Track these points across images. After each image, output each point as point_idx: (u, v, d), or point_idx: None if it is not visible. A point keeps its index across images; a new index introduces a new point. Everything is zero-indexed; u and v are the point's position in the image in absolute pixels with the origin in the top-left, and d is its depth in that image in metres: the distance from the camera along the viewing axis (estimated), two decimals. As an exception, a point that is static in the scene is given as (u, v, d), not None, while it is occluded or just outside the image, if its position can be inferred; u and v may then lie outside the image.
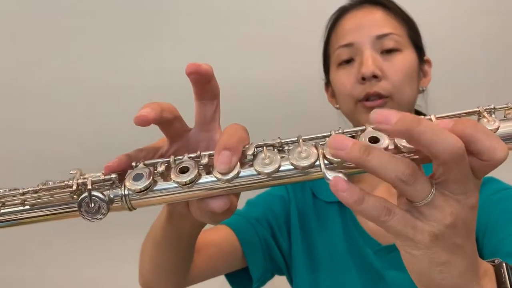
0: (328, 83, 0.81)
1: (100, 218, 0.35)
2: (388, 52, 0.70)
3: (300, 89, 0.99)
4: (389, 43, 0.70)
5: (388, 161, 0.31)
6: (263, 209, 0.77)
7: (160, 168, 0.35)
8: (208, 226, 0.49)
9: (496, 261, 0.39)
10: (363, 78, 0.68)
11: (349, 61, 0.72)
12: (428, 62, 0.77)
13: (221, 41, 1.02)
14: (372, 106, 0.69)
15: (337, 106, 0.78)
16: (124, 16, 1.03)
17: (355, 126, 0.76)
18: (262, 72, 1.01)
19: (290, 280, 0.79)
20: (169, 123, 0.39)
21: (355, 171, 0.34)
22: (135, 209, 0.36)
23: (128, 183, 0.35)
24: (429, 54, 0.77)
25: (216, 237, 0.71)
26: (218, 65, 1.06)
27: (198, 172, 0.35)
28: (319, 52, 0.81)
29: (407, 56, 0.71)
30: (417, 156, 0.33)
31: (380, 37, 0.70)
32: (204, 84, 0.38)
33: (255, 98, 1.01)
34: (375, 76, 0.68)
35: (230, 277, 0.77)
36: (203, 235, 0.56)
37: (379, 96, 0.69)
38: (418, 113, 0.79)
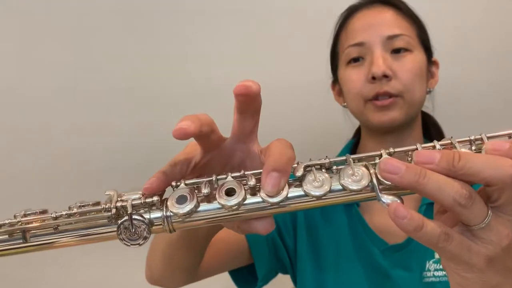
0: (335, 81, 0.80)
1: (141, 244, 0.34)
2: (398, 52, 0.70)
3: (305, 87, 0.98)
4: (399, 44, 0.70)
5: (446, 184, 0.30)
6: None
7: (205, 190, 0.34)
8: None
9: None
10: (373, 78, 0.68)
11: (358, 59, 0.72)
12: (435, 63, 0.77)
13: (224, 41, 1.01)
14: (382, 105, 0.69)
15: (344, 104, 0.78)
16: (127, 16, 1.00)
17: (362, 125, 0.77)
18: (266, 70, 0.99)
19: (294, 279, 0.79)
20: (207, 136, 0.37)
21: (408, 192, 0.33)
22: (175, 231, 0.35)
23: (172, 205, 0.33)
24: (436, 55, 0.77)
25: (225, 233, 0.70)
26: (221, 64, 1.04)
27: (245, 194, 0.33)
28: (326, 51, 0.80)
29: (417, 57, 0.71)
30: None
31: (391, 37, 0.69)
32: (250, 103, 0.36)
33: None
34: (385, 76, 0.68)
35: (234, 274, 0.77)
36: None
37: (389, 95, 0.68)
38: (424, 114, 0.80)
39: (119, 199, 0.34)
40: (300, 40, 0.98)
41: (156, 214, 0.34)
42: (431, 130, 0.81)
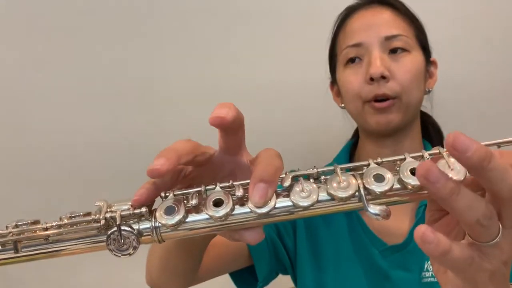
0: (333, 82, 0.80)
1: (131, 254, 0.34)
2: (396, 52, 0.69)
3: (304, 87, 0.98)
4: (397, 44, 0.69)
5: (475, 203, 0.29)
6: None
7: (193, 201, 0.34)
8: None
9: None
10: (371, 79, 0.68)
11: (356, 60, 0.71)
12: (434, 63, 0.76)
13: (224, 41, 1.01)
14: (380, 107, 0.68)
15: (342, 105, 0.78)
16: (129, 16, 1.00)
17: (361, 127, 0.77)
18: (265, 70, 1.00)
19: (294, 280, 0.80)
20: (191, 162, 0.37)
21: (396, 202, 0.33)
22: (164, 241, 0.35)
23: (160, 216, 0.33)
24: (435, 55, 0.76)
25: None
26: (222, 65, 1.04)
27: (233, 205, 0.33)
28: (325, 51, 0.80)
29: (415, 57, 0.70)
30: (425, 192, 0.32)
31: (389, 38, 0.69)
32: (229, 127, 0.35)
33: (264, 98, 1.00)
34: (383, 77, 0.67)
35: (234, 276, 0.77)
36: None
37: (387, 97, 0.68)
38: (423, 114, 0.79)
39: (108, 209, 0.34)
40: (299, 40, 0.98)
41: (145, 225, 0.34)
42: (430, 130, 0.81)
